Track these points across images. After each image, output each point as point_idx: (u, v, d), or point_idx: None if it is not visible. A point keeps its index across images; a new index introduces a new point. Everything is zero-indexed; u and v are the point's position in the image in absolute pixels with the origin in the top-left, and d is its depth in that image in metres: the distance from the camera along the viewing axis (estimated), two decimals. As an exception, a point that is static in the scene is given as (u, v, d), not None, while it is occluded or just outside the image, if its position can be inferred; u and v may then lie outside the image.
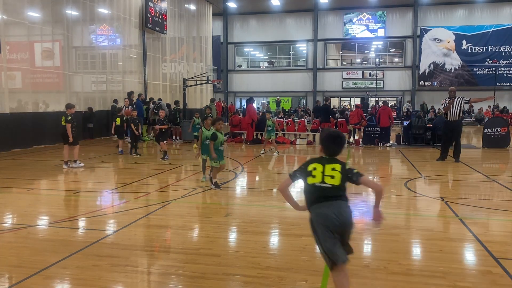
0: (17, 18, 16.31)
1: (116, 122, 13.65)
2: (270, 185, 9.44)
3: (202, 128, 8.76)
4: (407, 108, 30.77)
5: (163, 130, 12.51)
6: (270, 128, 14.01)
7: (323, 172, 3.37)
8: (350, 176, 3.38)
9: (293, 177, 3.53)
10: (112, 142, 17.23)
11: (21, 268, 4.36)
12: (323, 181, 3.35)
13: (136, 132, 13.07)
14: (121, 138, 13.76)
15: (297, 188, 6.04)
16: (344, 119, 17.32)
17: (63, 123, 10.72)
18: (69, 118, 10.60)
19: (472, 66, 34.31)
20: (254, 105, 19.01)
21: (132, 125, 12.96)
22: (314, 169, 3.40)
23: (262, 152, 14.09)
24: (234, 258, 4.61)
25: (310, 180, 3.39)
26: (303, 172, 3.46)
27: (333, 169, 3.38)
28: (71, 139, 10.56)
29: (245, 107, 19.35)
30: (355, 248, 4.99)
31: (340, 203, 3.33)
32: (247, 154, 14.51)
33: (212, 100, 18.87)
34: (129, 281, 4.11)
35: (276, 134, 18.29)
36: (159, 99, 20.09)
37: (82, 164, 10.95)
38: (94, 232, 5.66)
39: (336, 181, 3.34)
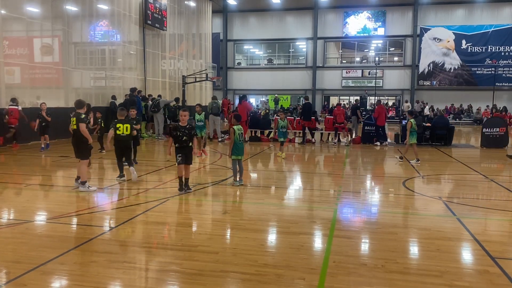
0: (16, 14, 16.24)
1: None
2: (268, 182, 9.45)
3: (234, 127, 8.55)
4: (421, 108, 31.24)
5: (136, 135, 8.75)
6: (414, 131, 11.77)
7: None
8: None
9: None
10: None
11: (19, 263, 4.35)
12: None
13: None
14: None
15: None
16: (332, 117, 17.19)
17: (73, 126, 7.70)
18: (83, 116, 7.73)
19: (471, 66, 34.30)
20: (254, 103, 18.91)
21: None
22: None
23: (398, 157, 12.42)
24: (232, 256, 4.62)
25: None
26: None
27: None
28: (90, 140, 7.81)
29: (237, 105, 19.06)
30: (352, 247, 5.04)
31: None
32: (245, 151, 14.48)
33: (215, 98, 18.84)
34: (126, 277, 4.11)
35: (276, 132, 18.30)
36: (159, 96, 19.94)
37: (94, 188, 7.91)
38: (92, 228, 5.67)
39: None
